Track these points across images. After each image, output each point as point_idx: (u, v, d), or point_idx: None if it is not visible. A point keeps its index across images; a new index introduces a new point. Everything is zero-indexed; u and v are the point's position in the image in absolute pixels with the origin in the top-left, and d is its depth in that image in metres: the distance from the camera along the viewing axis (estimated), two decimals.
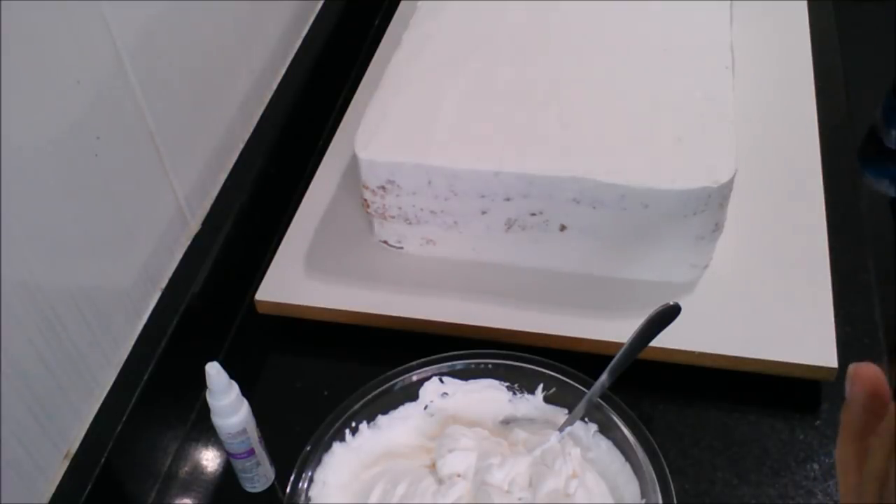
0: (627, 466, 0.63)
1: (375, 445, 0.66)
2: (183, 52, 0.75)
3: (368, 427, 0.66)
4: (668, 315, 0.63)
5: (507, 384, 0.69)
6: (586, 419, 0.66)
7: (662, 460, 0.61)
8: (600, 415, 0.65)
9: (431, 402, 0.68)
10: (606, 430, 0.65)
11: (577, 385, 0.66)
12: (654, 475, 0.61)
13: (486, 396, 0.69)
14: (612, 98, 0.79)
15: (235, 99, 0.86)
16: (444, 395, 0.69)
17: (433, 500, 0.61)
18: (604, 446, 0.65)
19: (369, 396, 0.66)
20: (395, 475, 0.64)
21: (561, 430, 0.65)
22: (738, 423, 0.71)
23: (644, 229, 0.73)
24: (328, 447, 0.64)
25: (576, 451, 0.63)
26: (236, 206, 0.83)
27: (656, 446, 0.62)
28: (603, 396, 0.64)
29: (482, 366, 0.69)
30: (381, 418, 0.67)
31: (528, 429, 0.67)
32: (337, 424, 0.65)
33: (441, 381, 0.68)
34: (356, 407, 0.66)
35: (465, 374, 0.69)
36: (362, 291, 0.79)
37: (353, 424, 0.66)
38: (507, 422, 0.68)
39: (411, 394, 0.68)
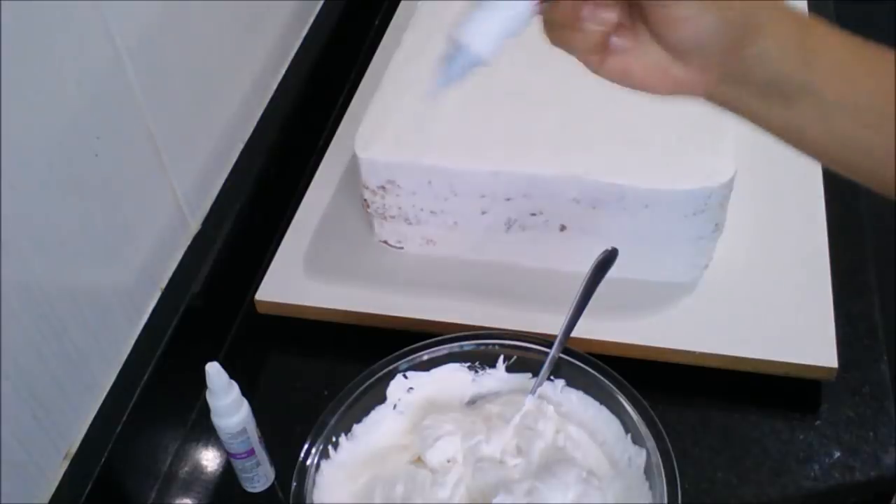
0: (604, 409, 0.65)
1: (357, 456, 0.66)
2: (183, 52, 0.75)
3: (347, 439, 0.66)
4: (609, 260, 0.67)
5: (468, 364, 0.69)
6: (552, 377, 0.67)
7: (632, 390, 0.63)
8: (564, 369, 0.67)
9: (399, 399, 0.69)
10: (574, 381, 0.67)
11: (536, 347, 0.67)
12: (633, 408, 0.63)
13: (450, 381, 0.69)
14: (611, 98, 0.78)
15: (235, 99, 0.86)
16: (410, 391, 0.69)
17: (433, 492, 0.62)
18: (574, 398, 0.67)
19: (342, 409, 0.66)
20: (388, 478, 0.64)
21: (532, 392, 0.66)
22: (738, 423, 0.71)
23: (644, 229, 0.73)
24: (317, 468, 0.64)
25: (550, 409, 0.65)
26: (236, 206, 0.83)
27: (624, 381, 0.64)
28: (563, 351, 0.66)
29: (443, 352, 0.69)
30: (356, 427, 0.67)
31: (496, 402, 0.68)
32: (320, 444, 0.64)
33: (405, 376, 0.69)
34: (332, 422, 0.65)
35: (427, 365, 0.69)
36: (362, 291, 0.79)
37: (334, 440, 0.65)
38: (473, 401, 0.69)
39: (379, 396, 0.68)
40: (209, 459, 0.73)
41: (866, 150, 0.46)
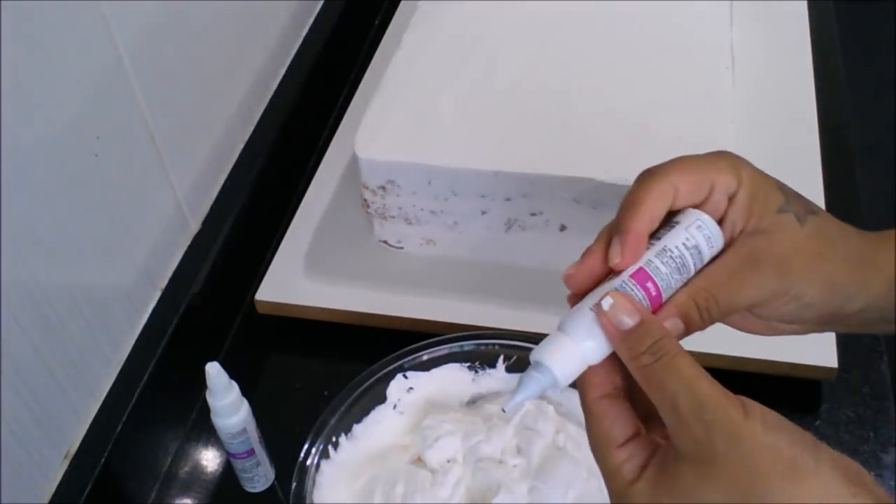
0: None
1: (357, 455, 0.66)
2: (183, 52, 0.75)
3: (347, 439, 0.67)
4: None
5: (468, 364, 0.69)
6: None
7: None
8: None
9: (399, 399, 0.69)
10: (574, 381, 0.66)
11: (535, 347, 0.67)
12: None
13: (450, 381, 0.70)
14: (612, 98, 0.79)
15: (235, 99, 0.86)
16: (410, 391, 0.69)
17: (433, 492, 0.62)
18: (574, 398, 0.66)
19: (342, 409, 0.66)
20: (388, 478, 0.64)
21: None
22: None
23: None
24: (318, 468, 0.64)
25: (550, 409, 0.65)
26: (236, 206, 0.83)
27: None
28: None
29: (443, 352, 0.69)
30: (356, 427, 0.67)
31: (496, 402, 0.68)
32: (320, 444, 0.65)
33: (405, 376, 0.69)
34: (332, 422, 0.65)
35: (427, 365, 0.69)
36: (362, 291, 0.79)
37: (334, 440, 0.66)
38: (474, 401, 0.69)
39: (379, 396, 0.68)
40: (209, 459, 0.73)
41: None
